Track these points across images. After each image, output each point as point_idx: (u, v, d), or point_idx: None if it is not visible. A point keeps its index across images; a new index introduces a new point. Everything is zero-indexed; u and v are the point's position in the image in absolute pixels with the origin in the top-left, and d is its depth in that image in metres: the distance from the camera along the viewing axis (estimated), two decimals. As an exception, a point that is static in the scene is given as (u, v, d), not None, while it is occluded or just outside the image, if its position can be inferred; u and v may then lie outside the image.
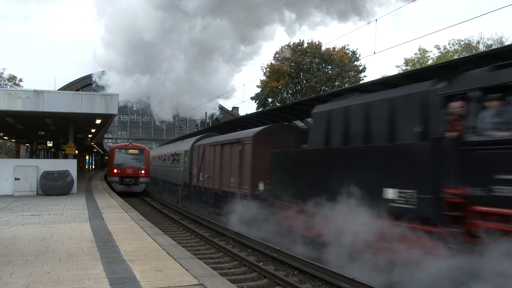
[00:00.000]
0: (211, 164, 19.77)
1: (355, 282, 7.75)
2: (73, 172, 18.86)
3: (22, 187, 17.96)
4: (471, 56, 10.15)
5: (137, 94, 38.84)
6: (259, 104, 52.46)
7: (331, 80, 47.58)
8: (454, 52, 44.75)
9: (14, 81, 50.24)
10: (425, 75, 11.43)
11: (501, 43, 41.83)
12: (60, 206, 14.29)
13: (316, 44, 49.76)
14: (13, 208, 13.48)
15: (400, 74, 12.83)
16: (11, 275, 5.70)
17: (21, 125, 22.21)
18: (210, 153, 20.17)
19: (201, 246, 12.00)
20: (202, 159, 21.49)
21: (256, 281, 8.45)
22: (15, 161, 21.70)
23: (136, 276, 5.73)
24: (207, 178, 20.51)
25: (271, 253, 10.39)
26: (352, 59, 50.51)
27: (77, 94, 17.38)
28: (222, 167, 18.35)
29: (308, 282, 8.40)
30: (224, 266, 9.55)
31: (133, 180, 26.69)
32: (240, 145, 16.23)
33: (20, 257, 6.76)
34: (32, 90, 15.99)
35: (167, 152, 31.56)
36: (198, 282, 5.57)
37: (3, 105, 15.67)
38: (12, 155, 61.89)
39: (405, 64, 48.61)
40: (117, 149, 27.68)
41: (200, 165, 21.77)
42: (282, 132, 15.30)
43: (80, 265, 6.30)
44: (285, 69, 49.72)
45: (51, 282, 5.42)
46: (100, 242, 8.10)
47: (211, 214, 18.82)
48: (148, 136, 68.25)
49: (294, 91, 50.41)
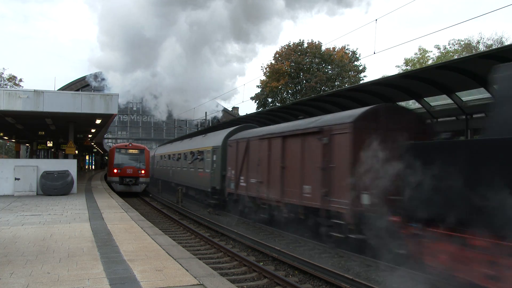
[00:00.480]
0: (263, 165, 14.85)
1: (355, 282, 7.75)
2: (73, 172, 18.86)
3: (22, 187, 17.96)
4: (471, 56, 10.14)
5: (136, 92, 38.49)
6: (259, 104, 52.48)
7: (331, 80, 47.59)
8: (454, 52, 44.74)
9: (14, 81, 50.29)
10: (425, 75, 11.46)
11: (501, 43, 41.85)
12: (60, 206, 14.28)
13: (316, 44, 49.78)
14: (13, 208, 13.48)
15: (400, 74, 12.80)
16: (11, 275, 5.70)
17: (21, 125, 22.21)
18: (260, 150, 15.24)
19: (201, 246, 12.00)
20: (244, 157, 16.63)
21: (256, 281, 8.45)
22: (15, 161, 21.70)
23: (136, 276, 5.73)
24: (254, 184, 15.52)
25: (271, 253, 10.38)
26: (352, 59, 50.52)
27: (77, 94, 17.38)
28: (285, 169, 13.42)
29: (308, 282, 8.40)
30: (224, 266, 9.55)
31: (133, 180, 26.63)
32: (326, 137, 11.18)
33: (20, 257, 6.76)
34: (32, 90, 15.99)
35: (182, 149, 27.14)
36: (198, 282, 5.57)
37: (3, 105, 15.67)
38: (12, 155, 61.89)
39: (405, 64, 48.62)
40: (117, 149, 27.66)
41: (240, 166, 16.90)
42: (393, 117, 10.53)
43: (80, 265, 6.30)
44: (285, 69, 49.72)
45: (51, 282, 5.42)
46: (100, 242, 8.10)
47: (211, 214, 18.83)
48: (148, 136, 68.27)
49: (294, 91, 50.42)
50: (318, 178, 11.32)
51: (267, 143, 14.73)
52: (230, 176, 17.96)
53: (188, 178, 24.53)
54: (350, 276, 8.09)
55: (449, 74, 10.63)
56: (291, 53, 49.70)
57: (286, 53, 50.19)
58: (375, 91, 13.36)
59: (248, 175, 16.14)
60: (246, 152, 16.53)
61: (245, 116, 25.68)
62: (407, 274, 7.67)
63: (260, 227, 15.01)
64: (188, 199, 24.63)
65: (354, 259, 10.08)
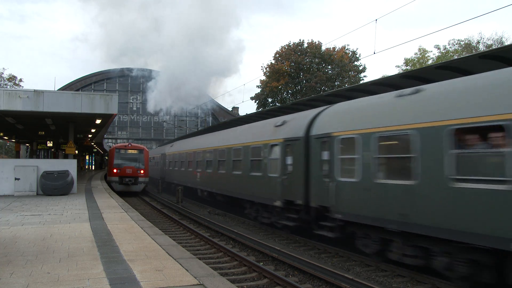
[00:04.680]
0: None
1: (355, 282, 7.76)
2: (73, 172, 18.86)
3: (22, 187, 17.96)
4: (471, 56, 10.14)
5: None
6: (259, 104, 52.49)
7: (331, 80, 47.61)
8: (454, 52, 44.75)
9: (14, 81, 50.30)
10: (424, 75, 11.44)
11: (501, 43, 41.87)
12: (60, 206, 14.28)
13: (316, 44, 49.80)
14: (13, 208, 13.48)
15: (400, 74, 12.79)
16: (11, 275, 5.70)
17: (21, 125, 22.20)
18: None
19: (201, 246, 12.00)
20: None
21: (256, 281, 8.45)
22: (15, 161, 21.69)
23: (136, 276, 5.73)
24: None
25: (271, 253, 10.38)
26: (352, 59, 50.53)
27: (77, 94, 17.37)
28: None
29: (308, 282, 8.40)
30: (224, 266, 9.55)
31: (133, 179, 27.02)
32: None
33: (20, 257, 6.76)
34: (32, 90, 15.98)
35: (223, 144, 18.90)
36: (198, 282, 5.57)
37: (3, 105, 15.67)
38: (12, 155, 61.91)
39: (405, 64, 48.63)
40: (117, 150, 28.11)
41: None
42: None
43: (80, 265, 6.29)
44: (285, 69, 49.73)
45: (51, 282, 5.42)
46: (100, 242, 8.10)
47: (211, 214, 18.82)
48: (148, 136, 68.28)
49: (294, 91, 50.42)
50: None
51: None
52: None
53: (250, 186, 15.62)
54: (350, 276, 8.10)
55: (449, 74, 10.61)
56: (291, 53, 49.71)
57: (286, 53, 50.20)
58: (375, 91, 13.32)
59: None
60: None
61: (245, 116, 24.14)
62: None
63: (260, 227, 14.89)
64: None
65: (354, 259, 10.11)
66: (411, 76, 11.63)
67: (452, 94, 7.77)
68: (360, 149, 9.49)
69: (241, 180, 16.28)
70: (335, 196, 10.33)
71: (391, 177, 8.70)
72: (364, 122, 9.58)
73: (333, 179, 10.47)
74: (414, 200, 7.98)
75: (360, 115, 10.04)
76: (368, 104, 10.19)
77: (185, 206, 21.74)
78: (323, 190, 10.79)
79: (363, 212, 9.32)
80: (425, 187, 7.77)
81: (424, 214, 7.76)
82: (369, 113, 9.71)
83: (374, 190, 8.98)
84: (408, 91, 8.93)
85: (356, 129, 9.76)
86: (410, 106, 8.58)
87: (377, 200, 8.91)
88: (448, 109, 7.57)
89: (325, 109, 12.11)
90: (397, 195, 8.40)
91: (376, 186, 8.92)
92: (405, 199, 8.19)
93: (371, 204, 9.11)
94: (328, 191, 10.57)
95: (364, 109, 10.11)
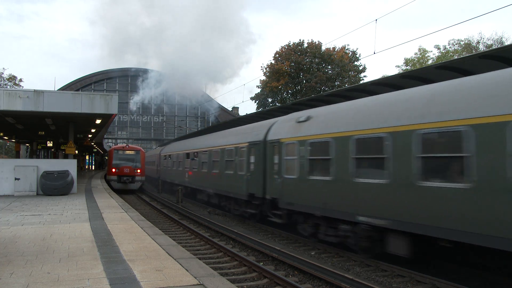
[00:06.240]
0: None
1: (355, 282, 7.76)
2: (73, 172, 18.87)
3: (22, 187, 17.97)
4: (470, 56, 10.14)
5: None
6: (259, 104, 52.50)
7: (331, 80, 47.60)
8: (454, 52, 44.76)
9: (14, 81, 50.29)
10: (424, 75, 11.44)
11: (501, 43, 41.87)
12: (60, 206, 14.28)
13: (316, 44, 49.79)
14: (13, 208, 13.48)
15: (400, 74, 12.79)
16: (11, 275, 5.70)
17: (21, 125, 22.20)
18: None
19: (201, 246, 12.00)
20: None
21: (256, 281, 8.45)
22: (15, 161, 21.70)
23: (136, 276, 5.73)
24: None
25: (271, 253, 10.38)
26: (352, 59, 50.53)
27: (77, 94, 17.37)
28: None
29: (308, 282, 8.40)
30: (224, 266, 9.55)
31: (130, 178, 29.07)
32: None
33: (20, 257, 6.76)
34: (32, 90, 15.99)
35: (206, 146, 20.86)
36: (198, 282, 5.57)
37: (3, 105, 15.68)
38: (12, 155, 61.92)
39: (405, 64, 48.63)
40: (115, 150, 29.92)
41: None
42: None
43: (80, 265, 6.29)
44: (285, 69, 49.72)
45: (51, 282, 5.42)
46: (100, 242, 8.10)
47: (211, 214, 18.82)
48: (148, 136, 68.30)
49: (294, 91, 50.42)
50: None
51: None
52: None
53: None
54: (350, 276, 8.10)
55: (449, 74, 10.61)
56: (291, 53, 49.71)
57: (286, 53, 50.20)
58: (375, 91, 13.32)
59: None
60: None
61: (245, 116, 24.09)
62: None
63: (260, 227, 15.03)
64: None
65: (354, 259, 10.12)
66: (411, 76, 11.62)
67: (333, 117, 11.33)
68: (298, 152, 12.04)
69: (219, 177, 18.65)
70: (281, 190, 12.83)
71: (316, 174, 11.28)
72: (301, 132, 12.17)
73: (280, 175, 12.96)
74: (331, 192, 10.58)
75: (300, 126, 12.48)
76: (307, 115, 12.77)
77: (185, 206, 21.74)
78: (275, 185, 13.34)
79: (300, 202, 11.94)
80: (337, 182, 10.33)
81: (337, 202, 10.34)
82: (306, 124, 12.28)
83: (307, 185, 11.58)
84: (303, 118, 12.33)
85: (295, 136, 12.35)
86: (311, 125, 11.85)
87: (309, 192, 11.50)
88: (351, 124, 10.19)
89: (279, 119, 14.70)
90: (321, 188, 10.98)
91: (308, 181, 11.56)
92: (326, 191, 10.79)
93: (305, 196, 11.67)
94: (277, 185, 13.09)
95: (302, 120, 12.64)
